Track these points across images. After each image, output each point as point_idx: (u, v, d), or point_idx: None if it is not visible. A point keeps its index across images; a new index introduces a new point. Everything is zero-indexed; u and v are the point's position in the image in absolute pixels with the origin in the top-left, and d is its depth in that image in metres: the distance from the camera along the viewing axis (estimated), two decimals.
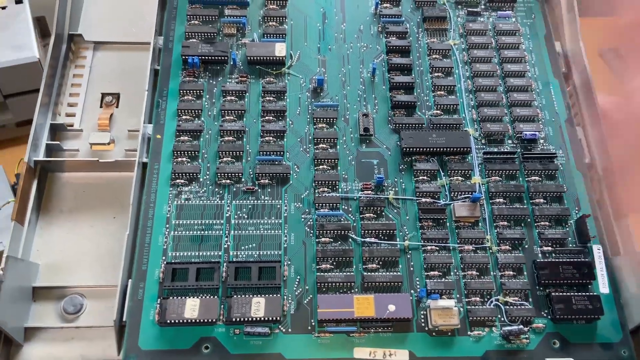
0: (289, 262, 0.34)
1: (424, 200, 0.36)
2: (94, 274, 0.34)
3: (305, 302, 0.33)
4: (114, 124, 0.39)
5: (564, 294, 0.33)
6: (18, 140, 0.63)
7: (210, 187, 0.36)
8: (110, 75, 0.41)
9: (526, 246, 0.35)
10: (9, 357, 0.31)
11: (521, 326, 0.32)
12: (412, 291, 0.33)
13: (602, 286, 0.34)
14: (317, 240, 0.35)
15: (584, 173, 0.38)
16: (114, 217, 0.36)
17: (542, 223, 0.36)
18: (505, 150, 0.38)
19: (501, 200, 0.36)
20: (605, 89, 0.40)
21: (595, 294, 0.33)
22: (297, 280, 0.34)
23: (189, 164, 0.37)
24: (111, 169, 0.37)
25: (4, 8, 0.53)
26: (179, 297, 0.32)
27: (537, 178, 0.37)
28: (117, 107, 0.40)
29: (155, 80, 0.39)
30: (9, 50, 0.50)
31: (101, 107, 0.40)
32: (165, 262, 0.33)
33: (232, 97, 0.39)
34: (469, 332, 0.33)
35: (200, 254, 0.34)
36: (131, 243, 0.33)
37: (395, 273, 0.34)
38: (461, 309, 0.33)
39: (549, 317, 0.33)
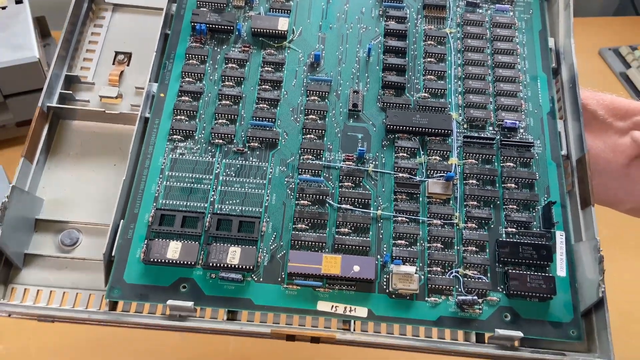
0: (268, 219, 0.37)
1: (400, 175, 0.38)
2: (91, 212, 0.37)
3: (278, 256, 0.36)
4: (123, 81, 0.42)
5: (521, 272, 0.35)
6: (18, 140, 0.63)
7: (204, 145, 0.39)
8: (125, 35, 0.44)
9: (492, 226, 0.37)
10: (8, 279, 0.35)
11: (475, 297, 0.34)
12: (378, 256, 0.36)
13: (560, 269, 0.36)
14: (296, 202, 0.37)
15: (558, 164, 0.39)
16: (114, 165, 0.39)
17: (510, 206, 0.38)
18: (485, 136, 0.40)
19: (474, 182, 0.38)
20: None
21: (550, 275, 0.35)
22: (274, 236, 0.36)
23: (186, 122, 0.39)
24: (116, 121, 0.40)
25: (4, 8, 0.55)
26: (164, 240, 0.35)
27: (511, 164, 0.39)
28: (128, 65, 0.43)
29: (164, 44, 0.42)
30: (9, 50, 0.52)
31: (113, 64, 0.43)
32: (155, 208, 0.36)
33: (234, 65, 0.42)
34: (426, 298, 0.35)
35: (188, 204, 0.37)
36: (127, 188, 0.36)
37: (364, 238, 0.36)
38: (422, 277, 0.35)
39: (504, 292, 0.35)
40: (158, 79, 0.41)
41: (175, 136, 0.39)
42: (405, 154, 0.39)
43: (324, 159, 0.39)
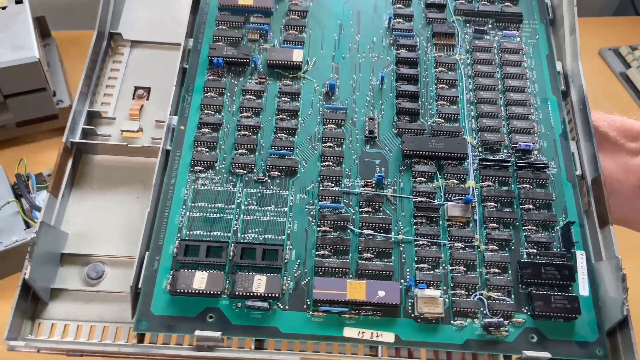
0: (291, 247, 0.37)
1: (419, 199, 0.39)
2: (116, 245, 0.37)
3: (303, 283, 0.36)
4: (144, 115, 0.43)
5: (544, 292, 0.35)
6: (18, 140, 0.65)
7: (225, 175, 0.40)
8: (144, 70, 0.45)
9: (512, 247, 0.38)
10: (35, 314, 0.35)
11: (501, 319, 0.34)
12: (402, 280, 0.36)
13: (582, 289, 0.36)
14: (318, 229, 0.38)
15: (573, 184, 0.40)
16: (137, 197, 0.40)
17: (530, 227, 0.38)
18: (501, 158, 0.41)
19: (492, 204, 0.39)
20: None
21: (574, 294, 0.35)
22: (297, 263, 0.37)
23: (207, 153, 0.40)
24: (138, 154, 0.41)
25: (4, 8, 0.55)
26: (190, 270, 0.35)
27: (528, 186, 0.40)
28: (147, 99, 0.44)
29: (183, 78, 0.43)
30: (9, 50, 0.52)
31: (133, 98, 0.44)
32: (179, 239, 0.37)
33: (251, 96, 0.43)
34: (452, 321, 0.35)
35: (212, 234, 0.37)
36: (151, 220, 0.37)
37: (387, 263, 0.37)
38: (446, 300, 0.36)
39: (529, 313, 0.35)
40: (178, 112, 0.42)
41: (196, 167, 0.40)
42: (422, 178, 0.40)
43: (343, 185, 0.40)
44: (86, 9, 0.77)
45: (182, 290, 0.34)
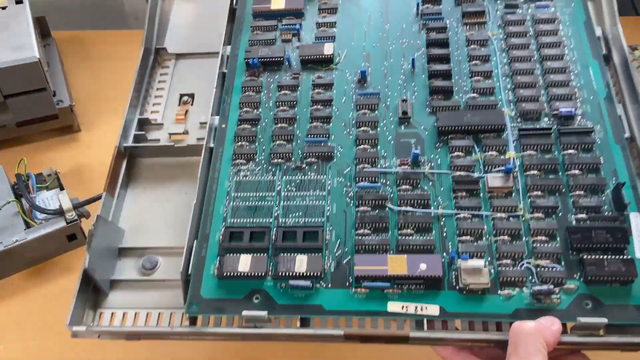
0: (331, 228, 0.37)
1: (458, 173, 0.38)
2: (168, 237, 0.40)
3: (344, 262, 0.36)
4: (189, 118, 0.46)
5: (597, 257, 0.33)
6: (18, 140, 0.62)
7: (265, 165, 0.41)
8: (188, 79, 0.48)
9: (560, 214, 0.36)
10: (97, 302, 0.38)
11: (551, 286, 0.33)
12: (444, 253, 0.35)
13: (638, 251, 0.34)
14: (356, 209, 0.38)
15: (623, 146, 0.38)
16: (186, 193, 0.42)
17: (577, 192, 0.36)
18: (541, 126, 0.39)
19: (535, 172, 0.38)
20: None
21: (629, 257, 0.33)
22: (338, 243, 0.37)
23: (247, 147, 0.42)
24: (184, 154, 0.43)
25: (4, 8, 0.54)
26: (235, 254, 0.36)
27: (573, 151, 0.38)
28: (192, 105, 0.46)
29: (222, 81, 0.46)
30: (9, 50, 0.50)
31: (179, 105, 0.46)
32: (224, 227, 0.38)
33: (286, 91, 0.44)
34: (499, 292, 0.34)
35: (254, 220, 0.38)
36: (198, 211, 0.39)
37: (428, 238, 0.36)
38: (492, 270, 0.34)
39: (581, 279, 0.33)
40: (219, 113, 0.44)
41: (237, 160, 0.41)
42: (460, 153, 0.39)
43: (379, 166, 0.40)
44: (86, 9, 0.80)
45: (228, 274, 0.36)
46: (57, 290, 0.52)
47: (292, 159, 0.41)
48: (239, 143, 0.42)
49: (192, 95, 0.47)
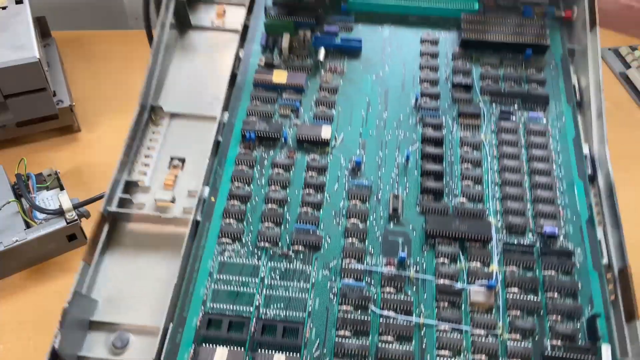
0: (312, 325, 0.37)
1: (442, 281, 0.38)
2: (142, 314, 0.38)
3: None
4: (177, 184, 0.44)
5: None
6: (18, 140, 0.63)
7: (251, 248, 0.40)
8: (180, 141, 0.47)
9: (537, 337, 0.36)
10: None
11: None
12: None
13: None
14: (339, 307, 0.37)
15: (600, 273, 0.39)
16: (167, 266, 0.40)
17: (554, 317, 0.37)
18: (525, 243, 0.40)
19: (516, 289, 0.38)
20: None
21: None
22: (317, 342, 0.36)
23: (235, 226, 0.41)
24: (170, 224, 0.42)
25: (4, 8, 0.55)
26: (211, 345, 0.35)
27: (553, 273, 0.39)
28: (182, 169, 0.45)
29: (217, 149, 0.45)
30: (9, 50, 0.50)
31: (169, 168, 0.45)
32: (203, 312, 0.37)
33: (280, 170, 0.44)
34: None
35: (234, 307, 0.37)
36: (177, 291, 0.37)
37: (408, 348, 0.36)
38: None
39: None
40: (210, 183, 0.43)
41: (224, 239, 0.40)
42: (446, 260, 0.40)
43: (365, 262, 0.40)
44: (86, 9, 0.80)
45: None
46: (57, 290, 0.53)
47: (279, 244, 0.40)
48: (227, 220, 0.41)
49: (182, 160, 0.46)
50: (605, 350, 0.36)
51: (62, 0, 0.79)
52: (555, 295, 0.38)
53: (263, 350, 0.35)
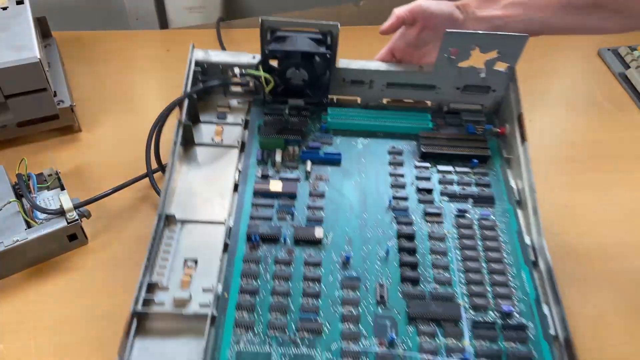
0: None
1: (426, 357, 0.45)
2: None
3: None
4: (193, 282, 0.50)
5: None
6: (19, 140, 0.61)
7: (262, 337, 0.46)
8: (192, 244, 0.53)
9: None
10: None
11: None
12: None
13: None
14: None
15: (549, 342, 0.47)
16: (188, 356, 0.45)
17: None
18: (488, 320, 0.48)
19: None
20: None
21: None
22: None
23: (247, 317, 0.47)
24: (189, 322, 0.47)
25: (5, 9, 0.54)
26: None
27: (512, 344, 0.47)
28: (195, 270, 0.51)
29: (226, 250, 0.52)
30: (10, 50, 0.49)
31: (183, 268, 0.51)
32: None
33: (282, 266, 0.51)
34: None
35: None
36: None
37: None
38: None
39: None
40: (221, 280, 0.49)
41: (238, 330, 0.46)
42: (427, 338, 0.47)
43: (360, 344, 0.46)
44: (87, 9, 0.80)
45: None
46: (58, 290, 0.53)
47: (287, 331, 0.47)
48: (240, 312, 0.47)
49: (195, 260, 0.52)
50: None
51: (63, 1, 0.79)
52: None
53: None
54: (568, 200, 0.69)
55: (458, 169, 0.61)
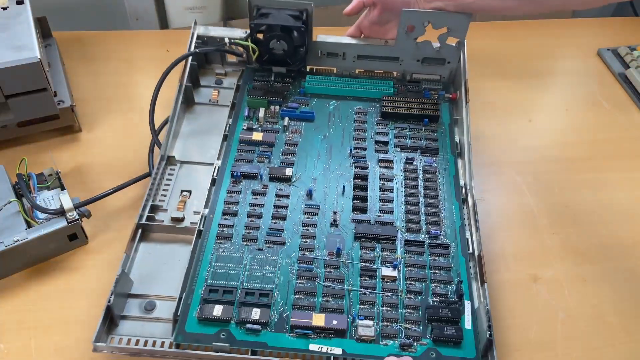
0: (278, 292, 0.54)
1: (364, 264, 0.57)
2: (164, 288, 0.55)
3: (284, 315, 0.53)
4: (187, 207, 0.63)
5: (441, 325, 0.52)
6: (19, 140, 0.61)
7: (237, 245, 0.58)
8: (187, 180, 0.66)
9: (423, 297, 0.55)
10: (110, 331, 0.52)
11: (412, 341, 0.51)
12: (349, 315, 0.53)
13: (467, 324, 0.53)
14: (296, 281, 0.55)
15: (466, 258, 0.58)
16: (179, 260, 0.58)
17: (435, 284, 0.56)
18: (419, 239, 0.60)
19: (412, 269, 0.57)
20: None
21: (460, 327, 0.52)
22: (281, 302, 0.54)
23: (226, 231, 0.59)
24: (181, 232, 0.60)
25: (5, 9, 0.53)
26: (211, 304, 0.52)
27: (436, 258, 0.58)
28: (189, 198, 0.64)
29: (214, 184, 0.64)
30: (10, 50, 0.49)
31: (179, 196, 0.64)
32: (206, 285, 0.54)
33: (258, 196, 0.63)
34: (380, 342, 0.51)
35: (227, 282, 0.55)
36: (189, 274, 0.55)
37: (340, 303, 0.54)
38: (377, 328, 0.52)
39: (431, 338, 0.52)
40: (208, 206, 0.62)
41: (219, 240, 0.59)
42: (368, 251, 0.58)
43: (313, 254, 0.58)
44: (87, 9, 0.80)
45: (205, 317, 0.52)
46: (58, 289, 0.53)
47: (257, 243, 0.59)
48: (221, 228, 0.60)
49: (189, 191, 0.65)
50: (467, 304, 0.54)
51: (63, 1, 0.78)
52: (437, 271, 0.57)
53: (245, 307, 0.53)
54: (568, 200, 0.68)
55: (412, 126, 0.72)
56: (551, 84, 0.86)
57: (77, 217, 0.52)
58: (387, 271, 0.57)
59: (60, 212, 0.52)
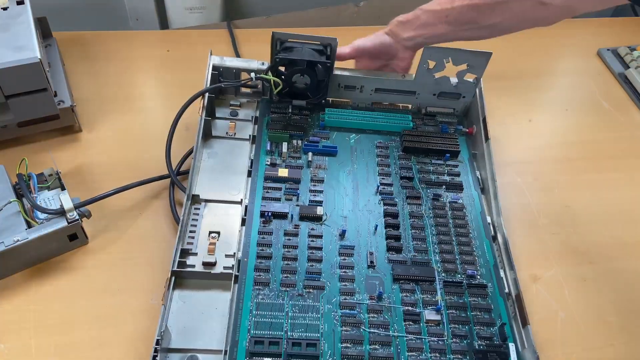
0: (324, 341, 0.52)
1: (407, 307, 0.56)
2: (206, 341, 0.51)
3: None
4: (217, 250, 0.59)
5: None
6: (20, 140, 0.60)
7: (276, 292, 0.55)
8: (214, 219, 0.62)
9: (468, 341, 0.54)
10: None
11: None
12: None
13: None
14: (341, 329, 0.53)
15: (504, 298, 0.58)
16: (216, 308, 0.54)
17: (478, 327, 0.55)
18: (456, 280, 0.59)
19: (454, 311, 0.56)
20: None
21: None
22: (329, 353, 0.51)
23: (264, 277, 0.56)
24: (216, 278, 0.56)
25: (5, 9, 0.53)
26: (258, 358, 0.49)
27: (475, 299, 0.57)
28: (217, 240, 0.60)
29: (242, 223, 0.61)
30: (11, 50, 0.48)
31: (208, 239, 0.60)
32: (249, 336, 0.51)
33: (290, 237, 0.60)
34: None
35: (271, 333, 0.52)
36: (231, 324, 0.51)
37: (388, 351, 0.52)
38: None
39: None
40: (241, 248, 0.58)
41: (257, 286, 0.55)
42: (408, 294, 0.57)
43: (355, 299, 0.56)
44: (88, 9, 0.78)
45: None
46: (58, 290, 0.52)
47: (296, 288, 0.56)
48: (258, 273, 0.57)
49: (218, 232, 0.61)
50: (512, 346, 0.54)
51: (63, 1, 0.76)
52: (478, 313, 0.56)
53: (294, 359, 0.50)
54: (568, 200, 0.68)
55: (434, 161, 0.71)
56: (551, 84, 0.85)
57: (77, 217, 0.51)
58: (430, 315, 0.55)
59: (61, 212, 0.51)
